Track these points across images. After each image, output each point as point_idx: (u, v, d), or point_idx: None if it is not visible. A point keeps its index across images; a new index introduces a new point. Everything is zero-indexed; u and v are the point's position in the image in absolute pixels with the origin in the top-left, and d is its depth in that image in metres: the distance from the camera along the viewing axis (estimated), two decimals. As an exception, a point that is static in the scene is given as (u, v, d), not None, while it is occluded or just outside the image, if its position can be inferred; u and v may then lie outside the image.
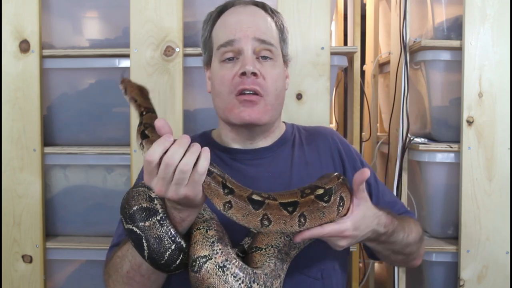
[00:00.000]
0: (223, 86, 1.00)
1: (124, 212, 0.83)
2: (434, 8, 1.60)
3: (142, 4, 1.47)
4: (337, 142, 1.11)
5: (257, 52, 1.00)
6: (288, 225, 0.78)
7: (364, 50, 2.12)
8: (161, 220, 0.81)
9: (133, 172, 1.49)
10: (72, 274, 1.63)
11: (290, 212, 0.77)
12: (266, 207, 0.76)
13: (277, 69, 1.02)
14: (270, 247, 0.87)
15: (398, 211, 1.09)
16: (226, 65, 1.01)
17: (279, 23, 1.07)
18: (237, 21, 1.02)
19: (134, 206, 0.82)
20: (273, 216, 0.77)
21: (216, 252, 0.80)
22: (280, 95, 1.03)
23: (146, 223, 0.81)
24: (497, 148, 1.48)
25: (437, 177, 1.59)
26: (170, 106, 1.48)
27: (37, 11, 1.49)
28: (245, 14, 1.03)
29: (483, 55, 1.48)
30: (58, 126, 1.60)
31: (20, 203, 1.53)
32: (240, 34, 0.99)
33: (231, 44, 1.00)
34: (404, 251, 1.01)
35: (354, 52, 1.60)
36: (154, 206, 0.82)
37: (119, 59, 1.53)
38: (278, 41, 1.05)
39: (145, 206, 0.82)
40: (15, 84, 1.50)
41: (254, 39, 0.99)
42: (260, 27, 1.01)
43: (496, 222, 1.49)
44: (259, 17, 1.04)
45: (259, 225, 0.77)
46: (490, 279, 1.50)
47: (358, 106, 1.75)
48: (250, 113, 0.98)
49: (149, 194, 0.84)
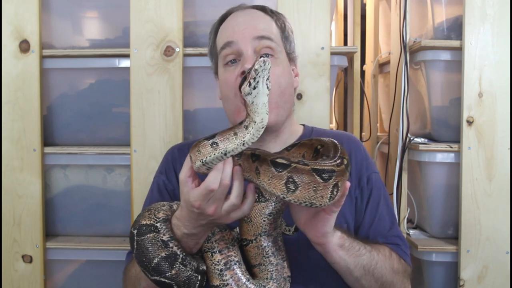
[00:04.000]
0: (228, 88, 1.02)
1: (145, 266, 0.83)
2: (434, 8, 1.60)
3: (142, 4, 1.47)
4: (350, 152, 1.05)
5: (258, 51, 1.00)
6: (319, 194, 0.72)
7: (364, 50, 2.12)
8: (184, 261, 0.83)
9: (133, 172, 1.49)
10: (72, 274, 1.63)
11: (325, 179, 0.72)
12: (291, 169, 0.72)
13: (279, 66, 1.02)
14: (259, 236, 0.87)
15: (383, 231, 1.02)
16: (229, 68, 1.02)
17: (280, 22, 1.07)
18: (236, 23, 1.03)
19: (154, 259, 0.82)
20: (301, 181, 0.72)
21: (226, 284, 0.84)
22: (285, 93, 1.02)
23: (173, 271, 0.82)
24: (497, 148, 1.48)
25: (437, 177, 1.59)
26: (170, 106, 1.48)
27: (37, 11, 1.49)
28: (243, 16, 1.05)
29: (483, 55, 1.48)
30: (58, 126, 1.60)
31: (20, 203, 1.53)
32: (238, 36, 1.01)
33: (230, 45, 1.01)
34: (374, 274, 0.92)
35: (354, 52, 1.60)
36: (172, 250, 0.83)
37: (119, 59, 1.53)
38: (279, 39, 1.05)
39: (164, 255, 0.82)
40: (15, 84, 1.50)
41: (253, 39, 1.00)
42: (257, 26, 1.02)
43: (496, 222, 1.49)
44: (257, 18, 1.05)
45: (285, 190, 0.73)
46: (490, 279, 1.50)
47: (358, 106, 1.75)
48: None
49: (161, 239, 0.83)
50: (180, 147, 1.15)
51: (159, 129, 1.48)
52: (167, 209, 0.90)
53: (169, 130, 1.48)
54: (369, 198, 1.04)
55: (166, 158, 1.14)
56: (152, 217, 0.86)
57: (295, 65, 1.12)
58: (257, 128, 0.76)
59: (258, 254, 0.87)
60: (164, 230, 0.84)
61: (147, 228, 0.84)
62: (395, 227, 1.05)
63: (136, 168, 1.48)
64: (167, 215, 0.87)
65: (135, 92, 1.48)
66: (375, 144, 1.97)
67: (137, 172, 1.48)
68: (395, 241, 1.02)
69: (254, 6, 1.09)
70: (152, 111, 1.48)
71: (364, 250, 0.90)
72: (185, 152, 1.10)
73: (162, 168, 1.12)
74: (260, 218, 0.86)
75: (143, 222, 0.85)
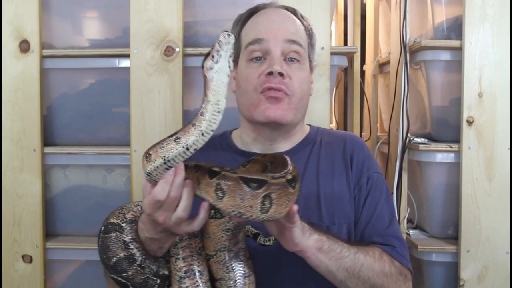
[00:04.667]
0: (248, 84, 1.01)
1: (104, 263, 0.85)
2: (434, 8, 1.60)
3: (142, 4, 1.47)
4: (353, 151, 1.06)
5: (285, 54, 1.00)
6: (247, 203, 0.70)
7: (364, 50, 2.12)
8: (142, 264, 0.84)
9: (133, 172, 1.49)
10: (72, 274, 1.63)
11: (252, 188, 0.70)
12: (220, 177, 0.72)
13: (303, 72, 1.03)
14: (219, 251, 0.86)
15: (379, 230, 1.00)
16: (253, 64, 1.01)
17: (309, 28, 1.07)
18: (268, 21, 1.03)
19: (113, 258, 0.84)
20: (228, 188, 0.71)
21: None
22: (304, 98, 1.04)
23: (129, 272, 0.83)
24: (497, 148, 1.48)
25: (437, 177, 1.59)
26: (170, 106, 1.48)
27: (37, 11, 1.49)
28: (276, 15, 1.04)
29: (483, 55, 1.48)
30: (58, 126, 1.60)
31: (20, 203, 1.52)
32: (269, 35, 1.00)
33: (260, 42, 1.00)
34: (360, 277, 0.90)
35: (354, 52, 1.60)
36: (131, 252, 0.84)
37: (119, 59, 1.53)
38: (306, 45, 1.05)
39: (123, 255, 0.84)
40: (15, 84, 1.50)
41: (283, 41, 1.00)
42: (289, 29, 1.02)
43: (496, 222, 1.49)
44: (289, 20, 1.04)
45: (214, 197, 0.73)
46: (490, 279, 1.50)
47: (358, 106, 1.75)
48: (275, 110, 0.98)
49: (123, 240, 0.85)
50: None
51: (159, 129, 1.48)
52: (138, 210, 0.90)
53: (169, 130, 1.48)
54: (367, 197, 1.03)
55: None
56: (120, 216, 0.88)
57: (312, 72, 1.12)
58: (212, 111, 0.72)
59: (219, 269, 0.87)
60: (128, 230, 0.86)
61: (113, 226, 0.86)
62: (393, 227, 1.02)
63: (136, 168, 1.48)
64: (135, 216, 0.88)
65: (135, 92, 1.48)
66: (375, 144, 1.97)
67: (137, 172, 1.48)
68: (391, 242, 0.99)
69: (285, 6, 1.09)
70: (152, 111, 1.48)
71: (347, 252, 0.88)
72: None
73: None
74: (218, 234, 0.85)
75: (111, 220, 0.88)
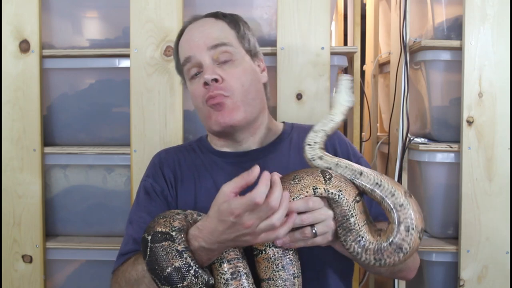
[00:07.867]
0: (196, 100, 1.05)
1: (157, 274, 0.81)
2: (434, 8, 1.60)
3: (142, 4, 1.47)
4: (334, 143, 1.08)
5: (216, 59, 1.02)
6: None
7: (364, 50, 2.12)
8: (196, 274, 0.81)
9: (133, 172, 1.49)
10: (72, 274, 1.63)
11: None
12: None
13: (239, 67, 1.04)
14: (268, 247, 0.87)
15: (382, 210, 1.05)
16: (194, 81, 1.05)
17: (233, 24, 1.08)
18: (190, 37, 1.07)
19: (167, 268, 0.80)
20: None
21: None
22: (250, 90, 1.03)
23: (184, 283, 0.80)
24: (497, 148, 1.48)
25: (437, 177, 1.59)
26: (170, 106, 1.48)
27: (37, 11, 1.49)
28: (195, 29, 1.07)
29: (483, 55, 1.48)
30: (58, 126, 1.60)
31: (20, 203, 1.53)
32: (194, 50, 1.03)
33: (189, 60, 1.04)
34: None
35: (354, 52, 1.60)
36: (186, 261, 0.81)
37: (119, 59, 1.53)
38: (235, 40, 1.06)
39: (177, 265, 0.80)
40: (15, 84, 1.50)
41: (207, 49, 1.02)
42: (211, 34, 1.04)
43: (496, 222, 1.49)
44: (209, 26, 1.07)
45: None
46: (490, 279, 1.50)
47: (358, 106, 1.75)
48: (223, 115, 1.00)
49: (176, 249, 0.82)
50: (167, 150, 1.16)
51: (159, 129, 1.48)
52: (182, 218, 0.87)
53: (169, 130, 1.48)
54: None
55: (153, 162, 1.14)
56: (167, 225, 0.84)
57: (260, 60, 1.12)
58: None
59: (268, 267, 0.86)
60: (180, 240, 0.82)
61: (162, 235, 0.82)
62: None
63: (136, 168, 1.48)
64: (182, 225, 0.86)
65: (135, 92, 1.48)
66: (375, 144, 1.97)
67: (137, 172, 1.48)
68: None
69: (206, 14, 1.11)
70: (152, 111, 1.48)
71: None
72: (171, 154, 1.12)
73: (149, 172, 1.12)
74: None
75: (158, 229, 0.83)
